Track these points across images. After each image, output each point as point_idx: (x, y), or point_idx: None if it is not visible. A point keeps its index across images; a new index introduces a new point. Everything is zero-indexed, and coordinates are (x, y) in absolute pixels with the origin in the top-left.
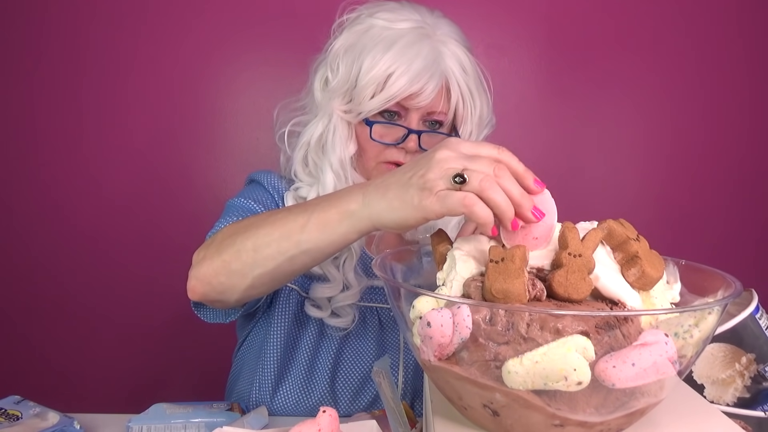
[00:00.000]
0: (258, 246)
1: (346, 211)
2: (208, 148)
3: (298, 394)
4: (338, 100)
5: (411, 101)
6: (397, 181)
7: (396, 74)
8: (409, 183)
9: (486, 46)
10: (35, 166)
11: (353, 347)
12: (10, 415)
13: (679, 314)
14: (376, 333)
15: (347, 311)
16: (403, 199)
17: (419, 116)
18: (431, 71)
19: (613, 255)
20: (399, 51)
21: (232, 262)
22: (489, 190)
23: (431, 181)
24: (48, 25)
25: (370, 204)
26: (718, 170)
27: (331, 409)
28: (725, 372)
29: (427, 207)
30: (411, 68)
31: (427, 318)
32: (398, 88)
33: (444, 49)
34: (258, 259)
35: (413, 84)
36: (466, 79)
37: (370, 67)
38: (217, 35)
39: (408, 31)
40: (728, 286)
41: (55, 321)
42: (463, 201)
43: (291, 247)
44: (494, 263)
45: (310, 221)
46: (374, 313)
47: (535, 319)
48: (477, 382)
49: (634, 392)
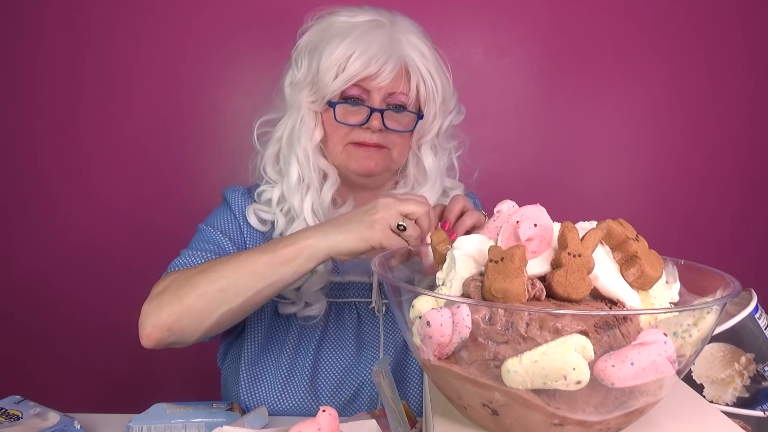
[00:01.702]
0: (225, 286)
1: (306, 245)
2: (209, 149)
3: (278, 392)
4: (304, 92)
5: (371, 82)
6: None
7: (354, 56)
8: (360, 219)
9: (486, 46)
10: (35, 165)
11: (332, 342)
12: (11, 415)
13: (678, 314)
14: (355, 327)
15: (317, 297)
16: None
17: (381, 97)
18: (388, 53)
19: (613, 255)
20: (356, 37)
21: (196, 304)
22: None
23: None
24: (47, 25)
25: (327, 237)
26: (718, 170)
27: (331, 408)
28: (724, 372)
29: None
30: (368, 50)
31: (427, 317)
32: (357, 68)
33: (401, 36)
34: (226, 297)
35: (371, 63)
36: (425, 63)
37: (329, 53)
38: (217, 36)
39: (365, 22)
40: (727, 286)
41: (55, 321)
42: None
43: (258, 282)
44: (493, 263)
45: (273, 258)
46: (352, 307)
47: (535, 319)
48: (476, 381)
49: (633, 391)
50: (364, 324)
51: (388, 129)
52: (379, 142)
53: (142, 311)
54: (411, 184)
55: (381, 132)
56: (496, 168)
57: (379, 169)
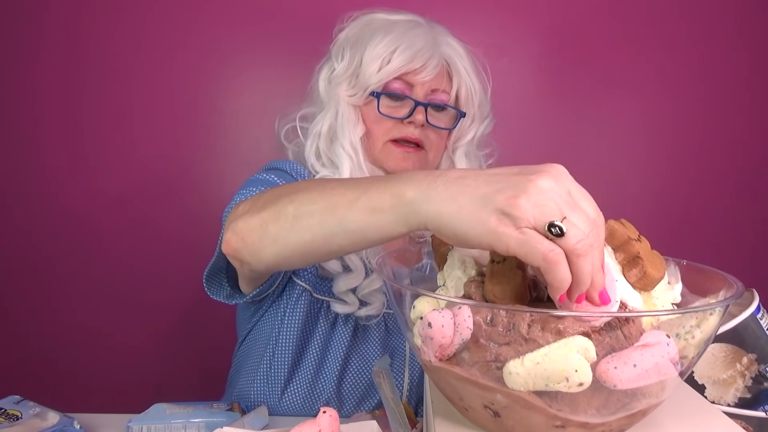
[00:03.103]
0: (299, 213)
1: (402, 197)
2: (208, 149)
3: (304, 396)
4: (344, 86)
5: (415, 76)
6: (477, 189)
7: (400, 49)
8: (492, 198)
9: (486, 46)
10: (35, 165)
11: (360, 352)
12: (10, 415)
13: (680, 315)
14: (382, 338)
15: (376, 296)
16: (477, 213)
17: (424, 92)
18: (432, 50)
19: (615, 255)
20: (400, 33)
21: (270, 223)
22: (583, 257)
23: (520, 211)
24: (47, 25)
25: (432, 199)
26: (719, 170)
27: (332, 409)
28: (726, 372)
29: (502, 238)
30: (413, 45)
31: (428, 319)
32: (402, 61)
33: (440, 38)
34: (296, 227)
35: (416, 58)
36: (465, 65)
37: (374, 46)
38: (217, 36)
39: (405, 21)
40: (730, 287)
41: (55, 321)
42: (547, 255)
43: (333, 223)
44: (495, 263)
45: (360, 199)
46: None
47: (537, 320)
48: (478, 382)
49: (635, 393)
50: (392, 335)
51: (430, 125)
52: (420, 139)
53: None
54: None
55: (423, 128)
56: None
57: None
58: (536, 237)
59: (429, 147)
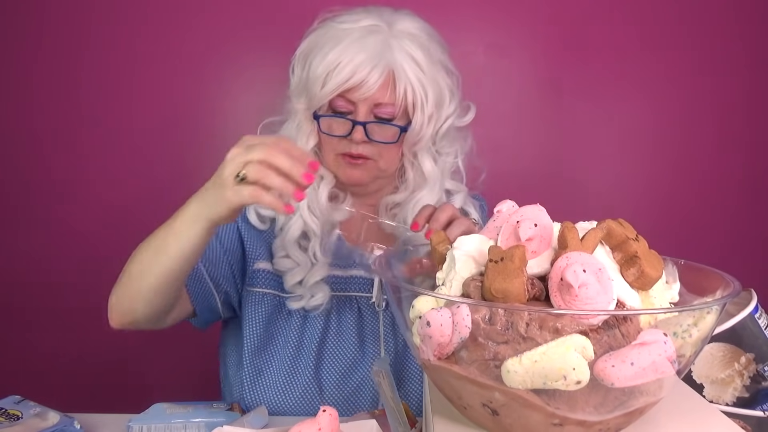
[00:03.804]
0: (141, 270)
1: (190, 216)
2: (208, 149)
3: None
4: (299, 99)
5: (355, 93)
6: (211, 182)
7: (339, 67)
8: (215, 183)
9: (486, 46)
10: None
11: (335, 336)
12: (11, 415)
13: (677, 314)
14: (356, 322)
15: (320, 287)
16: (215, 196)
17: (366, 108)
18: (375, 61)
19: (612, 255)
20: (346, 45)
21: (127, 287)
22: (264, 179)
23: (224, 179)
24: (47, 25)
25: (200, 205)
26: (718, 169)
27: (331, 408)
28: (724, 371)
29: (230, 199)
30: (354, 59)
31: (427, 317)
32: (341, 80)
33: (394, 42)
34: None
35: (355, 74)
36: (415, 68)
37: (318, 62)
38: (216, 36)
39: (360, 28)
40: (727, 286)
41: (55, 321)
42: (251, 194)
43: (162, 261)
44: (493, 263)
45: (168, 235)
46: (353, 301)
47: (534, 319)
48: (476, 381)
49: (633, 391)
50: (365, 319)
51: (372, 140)
52: (364, 154)
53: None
54: (411, 188)
55: (367, 143)
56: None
57: (366, 179)
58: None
59: (378, 157)
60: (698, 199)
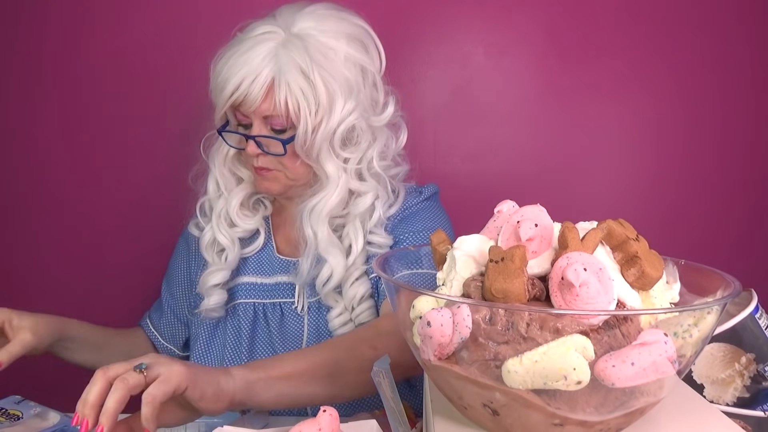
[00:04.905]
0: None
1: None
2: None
3: None
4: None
5: (243, 107)
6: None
7: (227, 80)
8: None
9: (486, 46)
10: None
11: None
12: (11, 415)
13: (678, 314)
14: (278, 325)
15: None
16: None
17: (259, 121)
18: (256, 74)
19: (613, 255)
20: (235, 58)
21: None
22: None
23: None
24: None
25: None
26: (718, 170)
27: (332, 408)
28: (725, 372)
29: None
30: (239, 72)
31: (427, 318)
32: (227, 93)
33: (281, 49)
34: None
35: (239, 87)
36: (295, 73)
37: (215, 76)
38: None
39: (251, 39)
40: (727, 286)
41: None
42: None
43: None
44: (494, 263)
45: None
46: (277, 307)
47: (535, 319)
48: (477, 381)
49: (633, 391)
50: (287, 322)
51: (267, 153)
52: (266, 166)
53: None
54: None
55: (264, 156)
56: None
57: (279, 189)
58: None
59: (282, 168)
60: (698, 199)
